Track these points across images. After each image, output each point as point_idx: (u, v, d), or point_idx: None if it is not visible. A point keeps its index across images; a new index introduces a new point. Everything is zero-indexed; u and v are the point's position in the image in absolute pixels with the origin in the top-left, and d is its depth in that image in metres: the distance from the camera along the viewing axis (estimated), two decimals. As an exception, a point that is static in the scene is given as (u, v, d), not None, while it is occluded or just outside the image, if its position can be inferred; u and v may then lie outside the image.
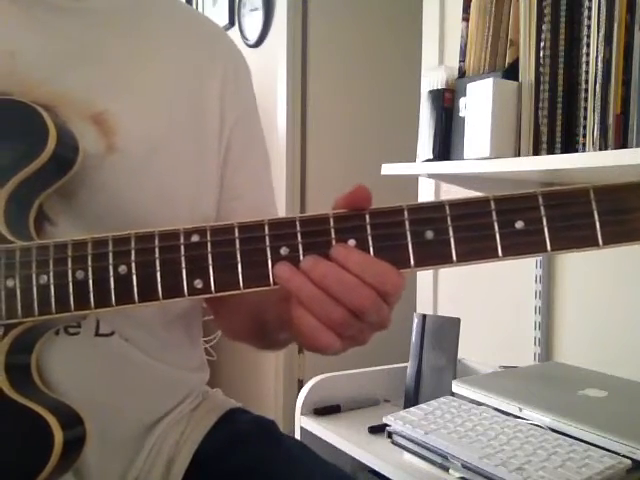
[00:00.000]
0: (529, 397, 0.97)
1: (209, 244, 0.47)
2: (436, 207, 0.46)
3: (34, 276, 0.50)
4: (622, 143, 0.86)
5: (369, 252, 0.46)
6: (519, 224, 0.44)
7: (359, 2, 2.26)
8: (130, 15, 0.68)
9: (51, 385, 0.58)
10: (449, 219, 0.45)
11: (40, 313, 0.50)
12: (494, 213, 0.45)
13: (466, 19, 1.08)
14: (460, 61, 1.10)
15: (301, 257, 0.46)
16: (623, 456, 0.80)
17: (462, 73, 1.09)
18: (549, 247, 0.44)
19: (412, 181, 1.53)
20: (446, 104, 1.10)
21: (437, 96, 1.10)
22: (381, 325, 0.48)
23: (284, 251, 0.46)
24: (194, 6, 2.64)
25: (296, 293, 0.46)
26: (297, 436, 1.23)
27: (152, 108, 0.65)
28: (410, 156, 1.18)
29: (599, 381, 1.03)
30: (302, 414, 1.23)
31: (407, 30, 1.82)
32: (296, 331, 0.48)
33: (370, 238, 0.46)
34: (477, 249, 0.45)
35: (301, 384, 2.06)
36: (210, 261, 0.47)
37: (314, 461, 0.73)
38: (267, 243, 0.47)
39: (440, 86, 1.10)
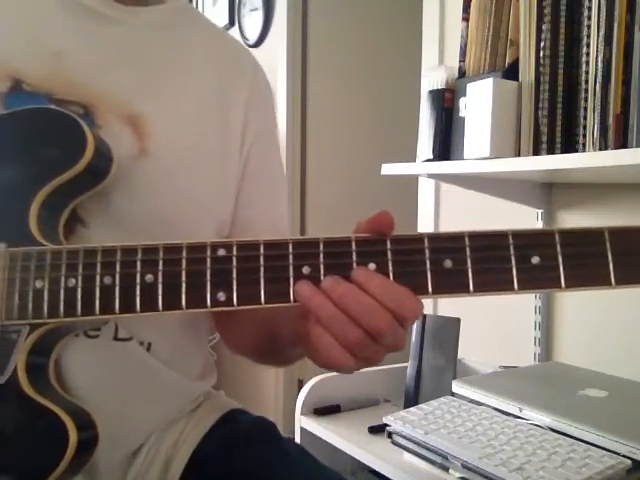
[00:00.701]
0: (529, 397, 0.97)
1: (234, 259, 0.49)
2: (456, 237, 0.47)
3: (63, 279, 0.51)
4: (622, 143, 0.86)
5: (389, 277, 0.47)
6: (535, 259, 0.46)
7: (359, 2, 2.26)
8: (170, 30, 0.71)
9: (65, 386, 0.59)
10: (468, 250, 0.47)
11: (65, 315, 0.51)
12: (512, 247, 0.46)
13: (466, 19, 1.08)
14: (460, 61, 1.10)
15: (322, 277, 0.48)
16: (623, 456, 0.80)
17: (462, 73, 1.09)
18: (563, 284, 0.46)
19: (412, 181, 1.53)
20: (446, 104, 1.10)
21: (437, 96, 1.10)
22: (396, 347, 0.49)
23: (306, 270, 0.48)
24: (194, 6, 2.64)
25: (315, 312, 0.47)
26: (297, 436, 1.23)
27: (184, 116, 0.68)
28: (410, 156, 1.17)
29: (599, 381, 1.03)
30: (302, 414, 1.23)
31: (407, 30, 1.82)
32: (312, 348, 0.49)
33: (390, 263, 0.47)
34: (494, 281, 0.46)
35: (301, 384, 2.06)
36: (234, 275, 0.49)
37: (313, 465, 0.73)
38: (290, 261, 0.48)
39: (440, 86, 1.10)
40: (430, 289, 0.47)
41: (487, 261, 0.46)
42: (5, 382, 0.52)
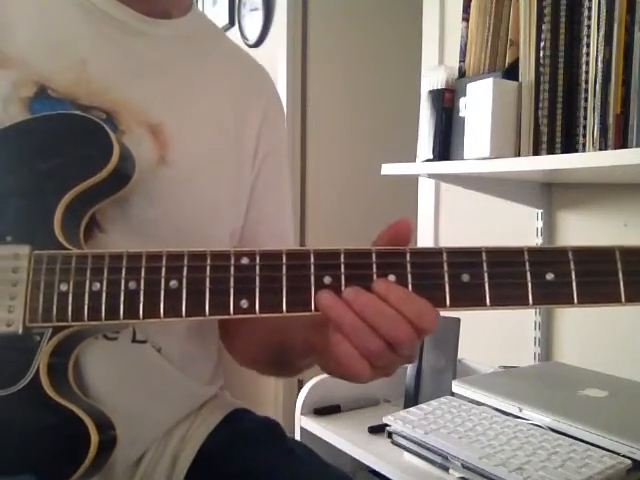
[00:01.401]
0: (529, 397, 0.97)
1: (257, 267, 0.49)
2: (473, 252, 0.48)
3: (87, 282, 0.51)
4: (622, 143, 0.86)
5: (408, 289, 0.48)
6: (550, 276, 0.47)
7: (359, 2, 2.25)
8: (191, 43, 0.73)
9: (83, 388, 0.59)
10: (485, 265, 0.48)
11: (90, 318, 0.51)
12: (527, 263, 0.48)
13: (466, 19, 1.08)
14: (460, 61, 1.10)
15: (343, 287, 0.48)
16: (623, 456, 0.80)
17: (462, 73, 1.09)
18: (576, 300, 0.47)
19: (412, 181, 1.53)
20: (446, 104, 1.10)
21: (437, 96, 1.10)
22: (410, 358, 0.50)
23: (327, 280, 0.49)
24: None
25: (337, 321, 0.48)
26: (297, 436, 1.23)
27: (203, 127, 0.69)
28: (410, 156, 1.18)
29: (599, 381, 1.03)
30: (302, 414, 1.23)
31: (407, 30, 1.82)
32: (330, 356, 0.49)
33: (409, 276, 0.48)
34: (510, 296, 0.48)
35: (301, 384, 2.06)
36: (257, 283, 0.49)
37: (317, 464, 0.73)
38: (312, 271, 0.49)
39: (440, 86, 1.10)
40: (448, 302, 0.48)
41: (503, 276, 0.48)
42: (27, 384, 0.52)
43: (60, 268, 0.52)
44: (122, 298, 0.51)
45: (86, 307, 0.51)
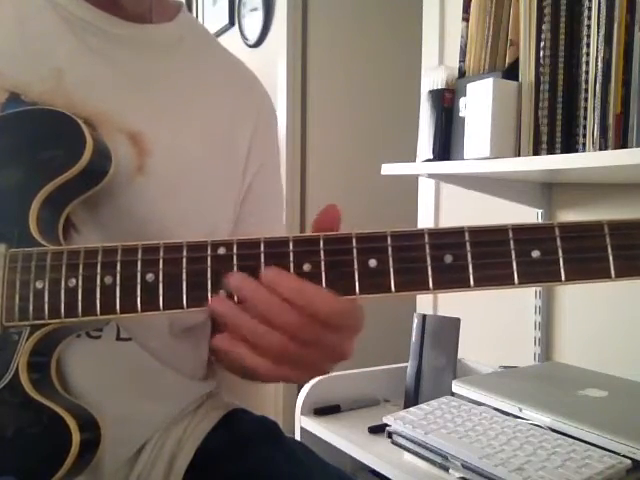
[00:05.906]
0: (529, 397, 0.97)
1: (235, 257, 0.49)
2: (456, 233, 0.47)
3: (63, 279, 0.51)
4: (622, 143, 0.86)
5: (389, 273, 0.47)
6: (535, 253, 0.46)
7: (359, 2, 2.25)
8: (176, 49, 0.71)
9: (67, 387, 0.59)
10: (468, 245, 0.47)
11: (66, 315, 0.51)
12: (512, 242, 0.46)
13: (466, 19, 1.08)
14: (460, 61, 1.10)
15: (323, 274, 0.47)
16: (623, 456, 0.80)
17: (462, 73, 1.09)
18: (564, 277, 0.45)
19: (412, 181, 1.53)
20: (446, 104, 1.10)
21: (437, 96, 1.10)
22: (334, 352, 0.49)
23: (307, 267, 0.48)
24: (194, 6, 2.64)
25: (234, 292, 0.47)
26: (297, 436, 1.23)
27: (187, 138, 0.67)
28: (410, 156, 1.18)
29: (599, 381, 1.03)
30: (302, 414, 1.23)
31: (407, 30, 1.82)
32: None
33: (391, 259, 0.47)
34: (494, 275, 0.46)
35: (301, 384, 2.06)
36: None
37: (316, 463, 0.73)
38: (291, 259, 0.48)
39: (440, 86, 1.10)
40: (431, 284, 0.47)
41: (487, 256, 0.46)
42: (7, 383, 0.52)
43: (35, 265, 0.52)
44: (98, 293, 0.50)
45: (62, 304, 0.51)
